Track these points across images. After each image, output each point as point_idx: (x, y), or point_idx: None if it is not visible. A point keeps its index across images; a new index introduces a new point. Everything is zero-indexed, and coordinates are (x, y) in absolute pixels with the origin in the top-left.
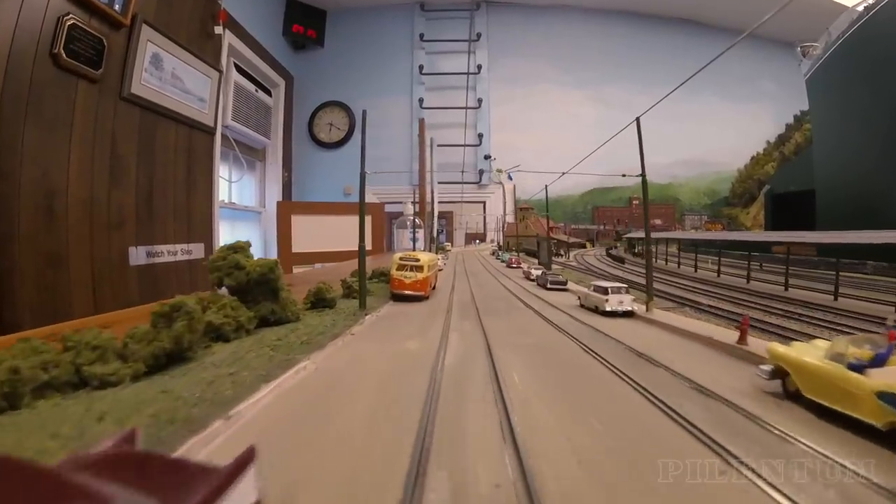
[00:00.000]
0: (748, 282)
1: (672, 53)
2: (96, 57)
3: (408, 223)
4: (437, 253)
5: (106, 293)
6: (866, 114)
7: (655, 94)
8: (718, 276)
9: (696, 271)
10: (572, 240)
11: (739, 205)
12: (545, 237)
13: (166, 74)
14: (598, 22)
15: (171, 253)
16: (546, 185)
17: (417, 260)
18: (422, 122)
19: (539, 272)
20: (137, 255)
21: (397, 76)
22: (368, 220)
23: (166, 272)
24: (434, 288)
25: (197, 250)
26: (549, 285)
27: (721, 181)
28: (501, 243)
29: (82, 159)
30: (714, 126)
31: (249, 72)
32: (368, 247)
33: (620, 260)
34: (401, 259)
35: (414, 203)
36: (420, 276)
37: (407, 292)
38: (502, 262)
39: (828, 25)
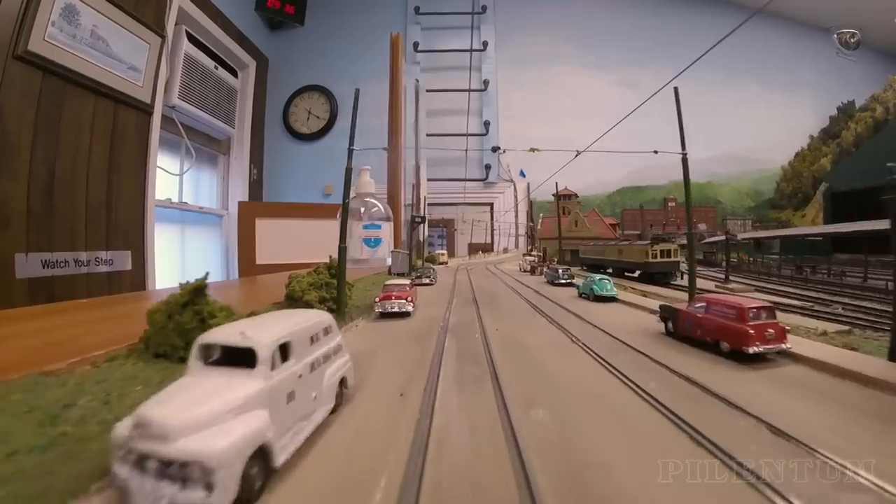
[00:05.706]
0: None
1: (709, 34)
2: None
3: (362, 209)
4: (422, 266)
5: None
6: None
7: (693, 78)
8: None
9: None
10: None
11: (789, 207)
12: None
13: (83, 32)
14: None
15: (81, 263)
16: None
17: None
18: (396, 37)
19: None
20: (28, 265)
21: (389, 56)
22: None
23: (72, 287)
24: None
25: (120, 260)
26: None
27: (765, 180)
28: (537, 252)
29: None
30: (754, 117)
31: (208, 45)
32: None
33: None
34: None
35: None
36: None
37: None
38: (602, 295)
39: (863, 9)
